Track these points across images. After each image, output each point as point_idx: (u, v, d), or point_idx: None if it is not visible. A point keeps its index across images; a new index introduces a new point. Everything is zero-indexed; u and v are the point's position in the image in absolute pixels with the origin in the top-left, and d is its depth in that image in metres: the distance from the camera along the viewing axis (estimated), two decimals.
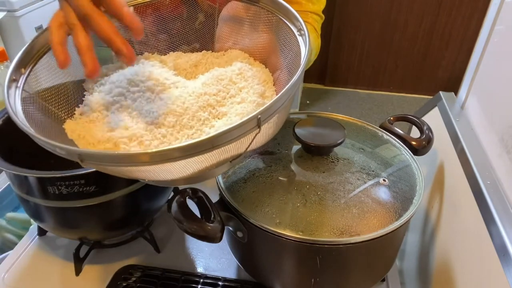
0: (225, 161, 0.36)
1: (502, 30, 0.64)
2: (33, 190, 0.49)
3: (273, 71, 0.45)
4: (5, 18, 1.26)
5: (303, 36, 0.40)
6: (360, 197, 0.45)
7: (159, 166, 0.31)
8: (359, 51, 2.50)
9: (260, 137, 0.35)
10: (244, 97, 0.41)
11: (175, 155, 0.29)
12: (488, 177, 0.56)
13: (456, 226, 0.60)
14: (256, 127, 0.31)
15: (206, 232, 0.43)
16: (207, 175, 0.38)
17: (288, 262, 0.47)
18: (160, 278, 0.54)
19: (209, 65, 0.46)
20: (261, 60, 0.46)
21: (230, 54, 0.47)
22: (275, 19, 0.44)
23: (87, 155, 0.31)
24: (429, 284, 0.65)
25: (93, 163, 0.32)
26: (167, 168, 0.32)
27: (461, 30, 2.30)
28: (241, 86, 0.42)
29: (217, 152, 0.31)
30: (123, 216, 0.54)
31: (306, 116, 0.58)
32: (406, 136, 0.57)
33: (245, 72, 0.43)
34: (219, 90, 0.41)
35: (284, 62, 0.43)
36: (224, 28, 0.47)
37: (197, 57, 0.47)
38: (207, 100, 0.40)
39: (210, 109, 0.40)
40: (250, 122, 0.30)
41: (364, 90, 2.62)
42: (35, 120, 0.37)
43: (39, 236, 0.62)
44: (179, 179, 0.37)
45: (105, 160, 0.31)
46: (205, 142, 0.29)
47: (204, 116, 0.39)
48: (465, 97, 0.73)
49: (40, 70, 0.41)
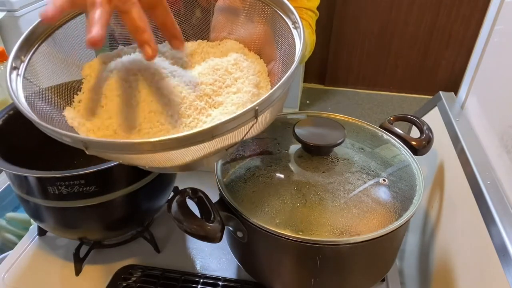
0: (222, 149, 0.37)
1: (502, 30, 0.64)
2: (33, 190, 0.49)
3: (267, 62, 0.46)
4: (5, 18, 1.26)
5: (297, 29, 0.41)
6: (360, 197, 0.45)
7: (160, 154, 0.33)
8: (359, 51, 2.50)
9: (256, 127, 0.36)
10: (240, 87, 0.42)
11: (176, 144, 0.31)
12: (488, 177, 0.56)
13: (456, 226, 0.60)
14: (253, 117, 0.32)
15: (206, 232, 0.43)
16: (204, 162, 0.39)
17: (288, 262, 0.47)
18: (160, 278, 0.54)
19: (204, 54, 0.47)
20: (256, 51, 0.46)
21: (225, 44, 0.47)
22: (270, 11, 0.44)
23: (92, 143, 0.32)
24: (429, 284, 0.65)
25: (97, 150, 0.33)
26: (167, 156, 0.34)
27: (461, 30, 2.30)
28: (236, 76, 0.43)
29: (215, 141, 0.33)
30: (123, 216, 0.54)
31: (306, 116, 0.58)
32: (406, 136, 0.57)
33: (241, 62, 0.44)
34: (215, 80, 0.42)
35: (278, 53, 0.44)
36: (220, 17, 0.48)
37: (192, 46, 0.48)
38: (204, 90, 0.41)
39: (206, 98, 0.41)
40: (248, 113, 0.32)
41: (364, 90, 2.62)
42: (37, 108, 0.38)
43: (39, 236, 0.62)
44: (177, 166, 0.38)
45: (109, 148, 0.32)
46: (205, 132, 0.31)
47: (200, 105, 0.40)
48: (465, 97, 0.73)
49: (39, 58, 0.41)
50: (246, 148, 0.53)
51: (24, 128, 0.57)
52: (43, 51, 0.41)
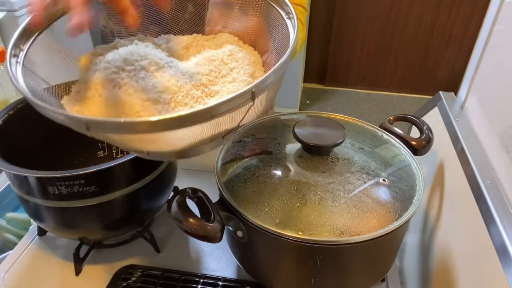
0: (218, 135, 0.38)
1: (502, 30, 0.64)
2: (33, 190, 0.49)
3: (262, 53, 0.47)
4: (5, 18, 1.26)
5: (291, 19, 0.42)
6: (360, 197, 0.45)
7: (158, 137, 0.34)
8: (359, 51, 2.49)
9: (252, 112, 0.37)
10: (235, 77, 0.43)
11: (176, 123, 0.31)
12: (488, 177, 0.56)
13: (456, 226, 0.60)
14: (250, 99, 0.33)
15: (206, 232, 0.43)
16: (201, 149, 0.40)
17: (288, 262, 0.47)
18: (160, 278, 0.54)
19: (199, 47, 0.48)
20: (250, 43, 0.47)
21: (220, 37, 0.48)
22: (264, 3, 0.45)
23: (93, 123, 0.33)
24: (429, 284, 0.65)
25: (99, 131, 0.33)
26: (166, 138, 0.34)
27: (461, 30, 2.30)
28: (232, 66, 0.44)
29: (212, 124, 0.34)
30: (123, 216, 0.54)
31: (306, 116, 0.58)
32: (406, 136, 0.57)
33: (236, 53, 0.45)
34: (211, 70, 0.43)
35: (272, 45, 0.45)
36: (214, 11, 0.49)
37: (188, 40, 0.48)
38: (200, 80, 0.42)
39: (203, 87, 0.42)
40: (245, 95, 0.33)
41: (364, 90, 2.62)
42: (37, 95, 0.39)
43: (39, 236, 0.62)
44: (174, 152, 0.39)
45: (110, 128, 0.33)
46: (204, 111, 0.31)
47: (197, 94, 0.41)
48: (465, 97, 0.73)
49: (38, 47, 0.42)
50: (246, 148, 0.53)
51: (24, 128, 0.58)
52: (42, 41, 0.42)
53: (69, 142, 0.63)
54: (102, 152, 0.68)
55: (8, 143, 0.53)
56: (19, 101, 0.57)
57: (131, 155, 0.48)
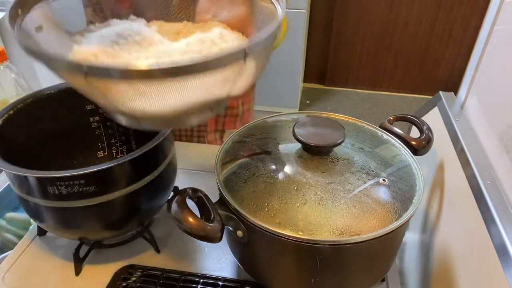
0: (208, 103, 0.39)
1: (502, 30, 0.64)
2: (33, 190, 0.49)
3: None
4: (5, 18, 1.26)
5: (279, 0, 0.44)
6: (360, 197, 0.45)
7: (155, 88, 0.35)
8: (359, 51, 2.50)
9: (240, 82, 0.39)
10: None
11: (173, 71, 0.33)
12: (488, 177, 0.56)
13: (456, 226, 0.60)
14: (242, 58, 0.35)
15: (206, 232, 0.43)
16: (190, 120, 0.41)
17: (288, 262, 0.47)
18: (160, 278, 0.54)
19: (190, 34, 0.49)
20: (238, 31, 0.49)
21: (210, 25, 0.49)
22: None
23: (92, 69, 0.33)
24: (429, 284, 0.65)
25: (97, 77, 0.34)
26: (160, 90, 0.35)
27: (461, 30, 2.30)
28: (222, 47, 0.44)
29: (203, 85, 0.35)
30: (123, 216, 0.54)
31: (306, 116, 0.58)
32: (406, 136, 0.57)
33: (226, 36, 0.46)
34: (201, 50, 0.43)
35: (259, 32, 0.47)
36: (205, 1, 0.50)
37: (178, 27, 0.50)
38: (191, 58, 0.42)
39: None
40: (238, 52, 0.34)
41: (364, 90, 2.62)
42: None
43: (39, 236, 0.62)
44: (164, 116, 0.39)
45: (109, 73, 0.33)
46: (199, 63, 0.33)
47: None
48: (465, 97, 0.73)
49: (35, 15, 0.43)
50: (246, 148, 0.53)
51: (24, 128, 0.58)
52: (38, 13, 0.43)
53: (69, 142, 0.63)
54: (102, 152, 0.68)
55: (8, 143, 0.53)
56: (19, 101, 0.57)
57: (131, 155, 0.48)
